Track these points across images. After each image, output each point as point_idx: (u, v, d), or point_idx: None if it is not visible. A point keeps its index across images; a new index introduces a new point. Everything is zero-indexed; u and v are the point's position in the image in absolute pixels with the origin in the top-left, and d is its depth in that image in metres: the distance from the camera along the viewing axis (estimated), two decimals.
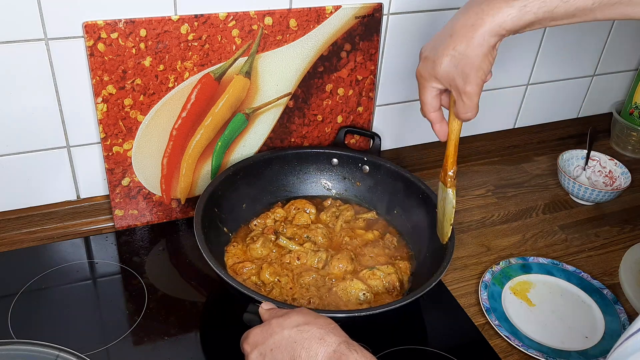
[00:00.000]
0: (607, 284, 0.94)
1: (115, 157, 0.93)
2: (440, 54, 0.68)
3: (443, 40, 0.68)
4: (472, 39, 0.66)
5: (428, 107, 0.75)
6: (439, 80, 0.71)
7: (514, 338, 0.83)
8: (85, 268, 0.91)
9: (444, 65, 0.68)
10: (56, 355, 0.71)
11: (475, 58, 0.67)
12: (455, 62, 0.68)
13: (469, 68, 0.67)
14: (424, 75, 0.72)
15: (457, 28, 0.67)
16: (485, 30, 0.65)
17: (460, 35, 0.66)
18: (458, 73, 0.68)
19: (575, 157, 1.18)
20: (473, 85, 0.69)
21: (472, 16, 0.66)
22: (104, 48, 0.84)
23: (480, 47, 0.66)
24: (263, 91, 0.98)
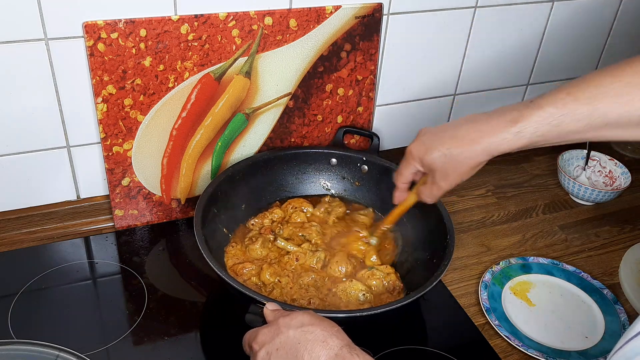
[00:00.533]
0: (607, 284, 0.94)
1: (115, 157, 0.93)
2: (435, 147, 0.75)
3: (443, 136, 0.75)
4: (466, 151, 0.72)
5: (402, 178, 0.83)
6: (423, 165, 0.78)
7: (514, 338, 0.83)
8: (85, 268, 0.91)
9: (433, 156, 0.75)
10: (56, 355, 0.71)
11: (462, 166, 0.73)
12: (443, 160, 0.74)
13: (452, 171, 0.74)
14: (413, 154, 0.79)
15: (459, 134, 0.73)
16: (480, 148, 0.71)
17: (458, 142, 0.72)
18: (441, 169, 0.75)
19: (575, 157, 1.18)
20: (447, 184, 0.76)
21: (474, 131, 0.72)
22: (104, 48, 0.84)
23: (470, 160, 0.72)
24: (263, 91, 0.98)
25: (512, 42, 1.17)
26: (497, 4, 1.10)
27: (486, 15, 1.10)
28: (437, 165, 0.75)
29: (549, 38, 1.19)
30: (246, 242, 0.91)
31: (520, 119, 0.68)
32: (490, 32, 1.13)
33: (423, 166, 0.78)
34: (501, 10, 1.11)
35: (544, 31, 1.18)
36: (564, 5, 1.16)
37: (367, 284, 0.85)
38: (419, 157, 0.77)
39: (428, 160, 0.76)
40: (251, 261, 0.88)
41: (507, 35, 1.15)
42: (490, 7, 1.09)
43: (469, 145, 0.71)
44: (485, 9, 1.09)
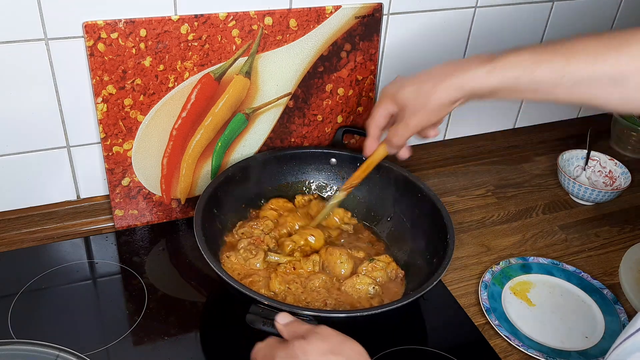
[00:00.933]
0: (607, 283, 0.94)
1: (115, 157, 0.93)
2: (409, 83, 0.75)
3: (417, 75, 0.74)
4: (438, 85, 0.71)
5: (374, 120, 0.81)
6: (395, 101, 0.76)
7: (514, 338, 0.83)
8: (85, 268, 0.91)
9: (406, 91, 0.74)
10: (56, 355, 0.71)
11: (432, 102, 0.72)
12: (415, 95, 0.73)
13: (421, 106, 0.73)
14: (386, 93, 0.78)
15: (434, 71, 0.73)
16: (451, 82, 0.70)
17: (431, 77, 0.72)
18: (411, 104, 0.74)
19: (575, 157, 1.18)
20: (415, 121, 0.74)
21: (448, 68, 0.71)
22: (104, 48, 0.84)
23: (441, 94, 0.71)
24: (263, 91, 0.98)
25: (512, 42, 1.16)
26: (497, 4, 1.10)
27: (486, 15, 1.10)
28: (408, 101, 0.74)
29: (549, 38, 1.19)
30: (243, 254, 0.88)
31: (495, 59, 0.68)
32: (490, 32, 1.13)
33: (396, 104, 0.76)
34: (501, 10, 1.11)
35: (544, 31, 1.18)
36: (564, 5, 1.16)
37: (372, 277, 0.86)
38: (392, 93, 0.76)
39: (400, 97, 0.75)
40: (255, 273, 0.87)
41: (507, 35, 1.15)
42: (490, 7, 1.09)
43: (441, 81, 0.71)
44: (485, 9, 1.09)
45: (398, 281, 0.87)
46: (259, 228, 0.93)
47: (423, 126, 0.75)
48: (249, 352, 0.79)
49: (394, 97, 0.76)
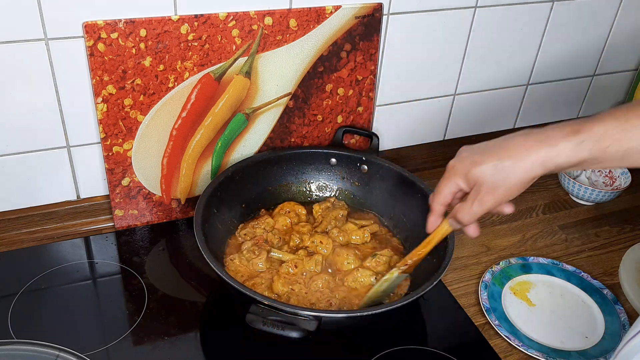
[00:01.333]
0: (607, 284, 0.94)
1: (115, 157, 0.93)
2: (484, 160, 0.68)
3: (492, 148, 0.69)
4: (521, 161, 0.66)
5: (440, 197, 0.74)
6: (468, 179, 0.70)
7: (514, 338, 0.83)
8: (85, 268, 0.91)
9: (481, 169, 0.68)
10: (56, 355, 0.71)
11: (513, 179, 0.66)
12: (492, 172, 0.67)
13: (502, 184, 0.67)
14: (455, 169, 0.71)
15: (512, 146, 0.67)
16: (537, 157, 0.65)
17: (510, 152, 0.67)
18: (490, 182, 0.68)
19: None
20: (493, 200, 0.68)
21: (530, 141, 0.66)
22: (104, 48, 0.84)
23: (523, 172, 0.66)
24: (263, 91, 0.98)
25: (512, 42, 1.17)
26: (497, 4, 1.10)
27: (486, 15, 1.10)
28: (485, 178, 0.68)
29: (549, 38, 1.19)
30: (246, 255, 0.88)
31: (582, 130, 0.63)
32: (490, 32, 1.13)
33: (467, 182, 0.70)
34: (501, 10, 1.11)
35: (544, 31, 1.18)
36: (564, 5, 1.16)
37: (376, 271, 0.87)
38: (464, 171, 0.70)
39: (475, 174, 0.68)
40: (258, 275, 0.87)
41: (507, 35, 1.15)
42: (490, 7, 1.09)
43: (525, 156, 0.65)
44: (485, 9, 1.09)
45: None
46: (260, 227, 0.93)
47: (500, 204, 0.70)
48: (249, 352, 0.80)
49: (466, 175, 0.70)
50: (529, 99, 1.27)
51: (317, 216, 0.99)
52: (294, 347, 0.79)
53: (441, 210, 0.76)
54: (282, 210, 0.98)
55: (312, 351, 0.80)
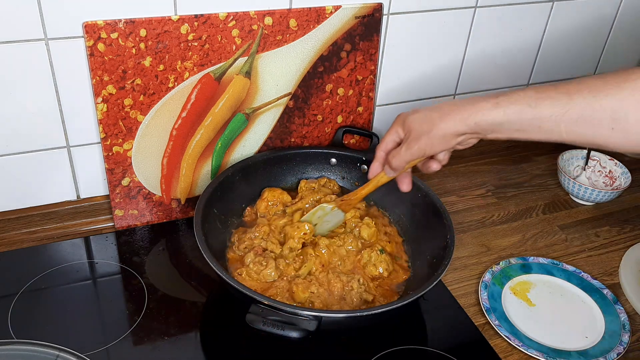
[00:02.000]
0: (607, 284, 0.94)
1: (115, 157, 0.93)
2: (419, 111, 0.77)
3: (429, 107, 0.76)
4: (445, 115, 0.73)
5: (383, 144, 0.81)
6: (404, 127, 0.78)
7: (514, 338, 0.83)
8: (85, 268, 0.91)
9: (414, 116, 0.76)
10: (56, 355, 0.71)
11: (436, 129, 0.73)
12: (421, 121, 0.75)
13: (425, 132, 0.74)
14: (398, 119, 0.79)
15: (444, 105, 0.75)
16: (457, 114, 0.72)
17: (440, 109, 0.74)
18: (416, 129, 0.75)
19: (575, 157, 1.18)
20: (416, 145, 0.75)
21: (457, 103, 0.74)
22: (104, 48, 0.84)
23: (446, 124, 0.73)
24: (263, 91, 0.98)
25: (512, 42, 1.17)
26: (497, 4, 1.10)
27: (486, 15, 1.10)
28: (414, 125, 0.76)
29: (549, 38, 1.19)
30: (253, 268, 0.85)
31: (501, 95, 0.70)
32: (490, 32, 1.13)
33: (403, 129, 0.78)
34: (501, 10, 1.11)
35: (544, 31, 1.18)
36: (564, 5, 1.16)
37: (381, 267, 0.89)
38: (403, 118, 0.78)
39: (408, 121, 0.77)
40: (272, 286, 0.84)
41: (507, 35, 1.15)
42: (490, 7, 1.09)
43: (448, 112, 0.73)
44: (485, 9, 1.09)
45: (402, 262, 0.91)
46: (258, 237, 0.90)
47: (424, 153, 0.76)
48: (249, 352, 0.80)
49: (404, 121, 0.78)
50: None
51: (301, 192, 1.00)
52: (294, 347, 0.79)
53: (382, 156, 0.83)
54: (264, 200, 0.97)
55: (312, 351, 0.80)
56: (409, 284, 0.88)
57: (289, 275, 0.85)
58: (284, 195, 0.98)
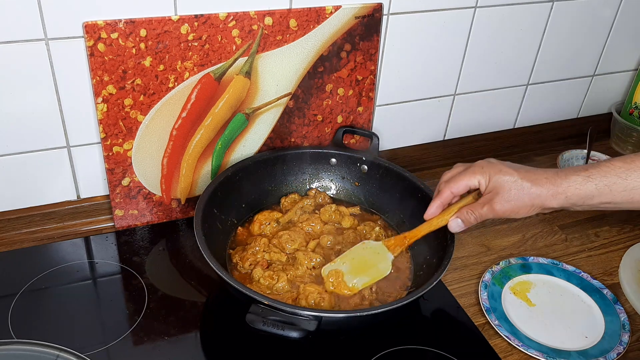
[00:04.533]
0: (607, 283, 0.94)
1: (115, 157, 0.93)
2: (509, 171, 0.75)
3: (520, 168, 0.76)
4: (537, 185, 0.73)
5: (456, 186, 0.79)
6: (490, 181, 0.76)
7: (514, 338, 0.83)
8: (86, 268, 0.91)
9: (505, 178, 0.75)
10: (56, 355, 0.71)
11: (526, 199, 0.73)
12: (512, 185, 0.74)
13: (515, 199, 0.74)
14: (484, 170, 0.77)
15: (535, 172, 0.75)
16: (550, 191, 0.73)
17: (533, 177, 0.74)
18: (506, 192, 0.74)
19: (575, 157, 1.18)
20: (502, 208, 0.75)
21: (549, 174, 0.74)
22: (104, 48, 0.84)
23: (537, 199, 0.73)
24: (263, 91, 0.98)
25: (512, 42, 1.17)
26: (497, 4, 1.10)
27: (486, 15, 1.10)
28: (505, 187, 0.74)
29: (549, 38, 1.19)
30: (265, 283, 0.84)
31: (590, 167, 0.71)
32: (490, 32, 1.13)
33: (488, 183, 0.76)
34: (501, 10, 1.11)
35: (544, 31, 1.18)
36: (564, 5, 1.16)
37: None
38: (490, 173, 0.76)
39: (498, 180, 0.75)
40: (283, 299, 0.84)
41: (507, 35, 1.15)
42: (490, 7, 1.09)
43: (541, 182, 0.73)
44: (485, 9, 1.09)
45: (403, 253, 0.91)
46: (260, 250, 0.89)
47: (506, 216, 0.76)
48: (249, 352, 0.80)
49: (490, 176, 0.76)
50: (529, 99, 1.27)
51: (284, 207, 1.00)
52: (294, 347, 0.79)
53: (449, 198, 0.80)
54: (256, 222, 0.96)
55: (312, 351, 0.80)
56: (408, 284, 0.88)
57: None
58: (274, 213, 0.98)
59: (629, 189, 0.69)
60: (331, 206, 0.98)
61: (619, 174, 0.69)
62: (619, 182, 0.69)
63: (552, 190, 0.72)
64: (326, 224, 0.96)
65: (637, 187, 0.69)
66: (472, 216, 0.77)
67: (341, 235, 0.94)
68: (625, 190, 0.69)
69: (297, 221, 0.96)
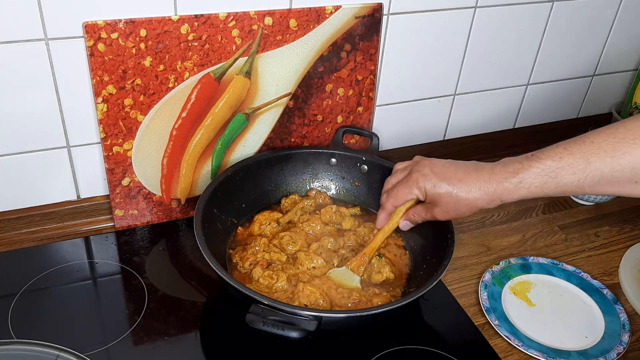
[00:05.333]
0: (607, 283, 0.94)
1: (115, 157, 0.93)
2: (443, 185, 0.78)
3: (451, 176, 0.78)
4: (471, 196, 0.76)
5: (396, 201, 0.84)
6: (427, 196, 0.81)
7: (514, 338, 0.83)
8: (86, 268, 0.91)
9: (440, 192, 0.78)
10: (56, 355, 0.71)
11: (463, 208, 0.78)
12: (448, 199, 0.78)
13: (453, 210, 0.79)
14: (419, 184, 0.80)
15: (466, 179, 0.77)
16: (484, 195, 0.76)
17: (465, 186, 0.77)
18: (444, 205, 0.79)
19: None
20: (442, 216, 0.80)
21: (480, 180, 0.76)
22: (104, 48, 0.84)
23: (472, 205, 0.77)
24: (263, 91, 0.98)
25: (512, 42, 1.17)
26: (497, 4, 1.10)
27: (486, 15, 1.10)
28: (442, 201, 0.79)
29: (549, 38, 1.19)
30: (265, 283, 0.84)
31: (521, 170, 0.73)
32: (490, 32, 1.13)
33: (426, 197, 0.81)
34: (501, 10, 1.11)
35: (544, 31, 1.18)
36: (564, 5, 1.16)
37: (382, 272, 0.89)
38: (424, 188, 0.80)
39: (433, 194, 0.79)
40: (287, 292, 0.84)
41: (507, 35, 1.15)
42: (490, 7, 1.09)
43: (475, 192, 0.76)
44: (485, 9, 1.09)
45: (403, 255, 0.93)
46: (260, 250, 0.89)
47: (451, 219, 0.83)
48: (249, 352, 0.80)
49: (426, 191, 0.80)
50: (529, 99, 1.27)
51: (285, 208, 1.00)
52: (294, 347, 0.79)
53: (392, 210, 0.86)
54: (256, 222, 0.96)
55: (312, 351, 0.80)
56: (409, 284, 0.88)
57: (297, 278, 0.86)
58: (274, 213, 0.98)
59: (560, 185, 0.71)
60: (332, 207, 0.98)
61: (549, 174, 0.71)
62: (550, 181, 0.71)
63: (486, 197, 0.75)
64: (327, 225, 0.96)
65: (568, 184, 0.70)
66: (418, 218, 0.84)
67: (342, 237, 0.94)
68: (557, 187, 0.71)
69: (297, 221, 0.96)
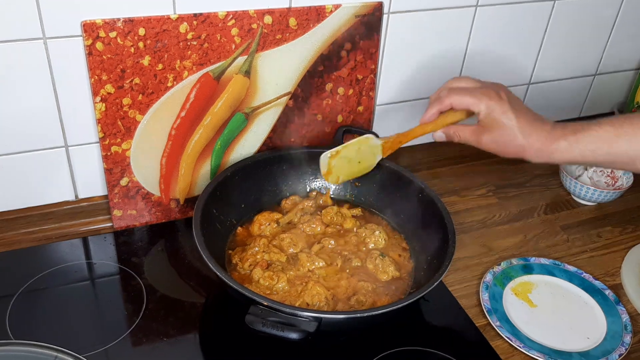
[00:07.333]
0: (609, 284, 0.93)
1: (113, 157, 0.92)
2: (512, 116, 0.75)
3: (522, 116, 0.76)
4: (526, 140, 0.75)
5: (459, 101, 0.78)
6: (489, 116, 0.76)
7: (515, 339, 0.82)
8: (84, 268, 0.90)
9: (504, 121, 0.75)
10: (54, 356, 0.70)
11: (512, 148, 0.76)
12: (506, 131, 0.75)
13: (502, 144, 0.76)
14: (493, 105, 0.76)
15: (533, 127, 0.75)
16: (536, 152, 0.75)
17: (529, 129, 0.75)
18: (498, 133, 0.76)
19: None
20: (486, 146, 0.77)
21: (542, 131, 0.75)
22: (102, 47, 0.84)
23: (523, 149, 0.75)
24: (263, 90, 0.97)
25: (512, 41, 1.16)
26: (498, 3, 1.09)
27: (487, 14, 1.10)
28: (499, 131, 0.76)
29: (550, 37, 1.19)
30: (265, 284, 0.84)
31: (580, 131, 0.73)
32: (491, 31, 1.13)
33: (488, 116, 0.76)
34: (502, 9, 1.10)
35: (545, 30, 1.18)
36: (565, 5, 1.16)
37: (386, 272, 0.88)
38: (493, 109, 0.76)
39: (496, 119, 0.76)
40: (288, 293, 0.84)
41: (507, 34, 1.15)
42: (491, 6, 1.09)
43: (532, 139, 0.75)
44: (486, 8, 1.09)
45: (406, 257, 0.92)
46: (259, 250, 0.89)
47: (487, 150, 0.78)
48: (248, 353, 0.79)
49: (494, 111, 0.76)
50: (529, 99, 1.27)
51: (285, 208, 0.99)
52: (293, 348, 0.79)
53: (447, 109, 0.80)
54: (256, 222, 0.96)
55: (311, 352, 0.79)
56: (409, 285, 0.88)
57: None
58: (274, 214, 0.97)
59: (612, 153, 0.71)
60: (333, 208, 0.97)
61: (605, 140, 0.71)
62: (604, 147, 0.71)
63: (538, 149, 0.74)
64: (328, 226, 0.95)
65: (620, 154, 0.70)
66: (457, 137, 0.80)
67: (343, 238, 0.93)
68: (608, 154, 0.71)
69: (297, 222, 0.96)
